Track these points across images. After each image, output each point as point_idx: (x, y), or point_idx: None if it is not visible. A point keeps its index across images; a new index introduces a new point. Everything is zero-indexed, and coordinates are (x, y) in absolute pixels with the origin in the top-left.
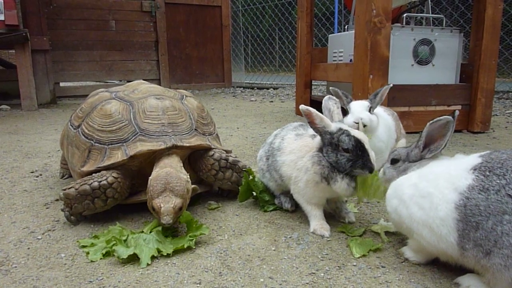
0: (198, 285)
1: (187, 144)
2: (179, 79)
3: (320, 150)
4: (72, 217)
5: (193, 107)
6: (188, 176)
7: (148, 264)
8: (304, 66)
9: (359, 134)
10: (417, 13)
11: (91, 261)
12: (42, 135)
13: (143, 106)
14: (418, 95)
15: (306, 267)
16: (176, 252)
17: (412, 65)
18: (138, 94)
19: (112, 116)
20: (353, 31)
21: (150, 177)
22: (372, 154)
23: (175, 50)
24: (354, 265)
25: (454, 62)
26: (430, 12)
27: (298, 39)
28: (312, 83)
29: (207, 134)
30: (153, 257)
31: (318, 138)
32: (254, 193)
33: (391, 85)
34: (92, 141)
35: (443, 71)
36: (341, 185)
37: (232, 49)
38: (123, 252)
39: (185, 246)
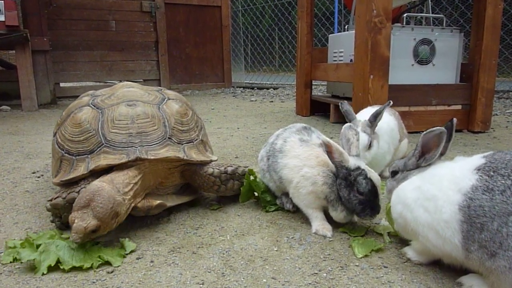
0: (201, 285)
1: (152, 157)
2: (179, 79)
3: (334, 173)
4: (63, 225)
5: (171, 113)
6: (127, 198)
7: (43, 274)
8: (304, 66)
9: (374, 176)
10: (417, 13)
11: (1, 263)
12: (43, 136)
13: (112, 114)
14: (419, 95)
15: (308, 268)
16: (178, 252)
17: (413, 65)
18: (113, 100)
19: (82, 125)
20: (353, 31)
21: None
22: (380, 196)
23: (175, 50)
24: (357, 265)
25: (455, 62)
26: (430, 12)
27: (298, 39)
28: (312, 83)
29: (184, 142)
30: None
31: None
32: (256, 194)
33: (391, 102)
34: (63, 151)
35: (443, 70)
36: (338, 215)
37: (232, 49)
38: (25, 256)
39: (85, 267)
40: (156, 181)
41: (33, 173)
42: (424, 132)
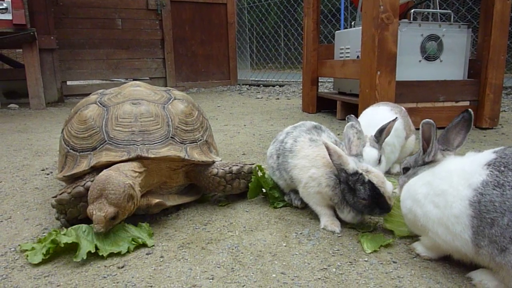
0: (211, 280)
1: (153, 156)
2: (185, 77)
3: (337, 176)
4: (68, 223)
5: (176, 112)
6: (136, 182)
7: (82, 259)
8: (310, 63)
9: (374, 177)
10: (424, 8)
11: (30, 263)
12: (51, 133)
13: (117, 112)
14: (426, 91)
15: (317, 263)
16: (187, 248)
17: (420, 61)
18: (119, 99)
19: (87, 122)
20: (360, 27)
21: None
22: (388, 193)
23: (181, 48)
24: (366, 261)
25: (462, 58)
26: (438, 8)
27: (305, 36)
28: (319, 80)
29: (187, 142)
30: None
31: None
32: (264, 190)
33: (397, 118)
34: (68, 147)
35: (451, 66)
36: (346, 216)
37: (238, 46)
38: (64, 239)
39: (123, 252)
40: (160, 180)
41: (42, 170)
42: (421, 125)
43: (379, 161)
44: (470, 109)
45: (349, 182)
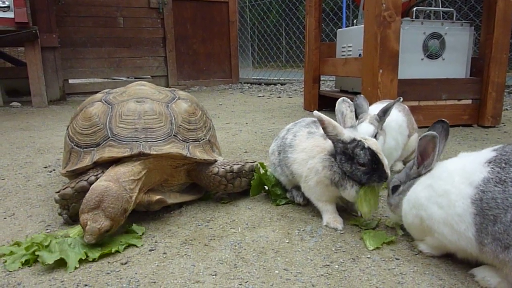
0: (214, 276)
1: (155, 152)
2: (187, 75)
3: (332, 155)
4: (70, 219)
5: (179, 111)
6: (133, 195)
7: (76, 268)
8: (312, 61)
9: (373, 144)
10: (426, 6)
11: (9, 270)
12: (53, 131)
13: (121, 109)
14: (428, 89)
15: (320, 259)
16: (190, 244)
17: (422, 59)
18: (124, 97)
19: (91, 119)
20: (362, 26)
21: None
22: (385, 162)
23: (183, 46)
24: (368, 257)
25: (465, 56)
26: (440, 6)
27: (307, 34)
28: (320, 78)
29: (190, 140)
30: (81, 260)
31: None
32: (266, 187)
33: (401, 98)
34: (72, 143)
35: (453, 65)
36: (350, 192)
37: (239, 45)
38: (48, 257)
39: (113, 251)
40: (161, 178)
41: (45, 167)
42: (420, 137)
43: (375, 138)
44: (444, 119)
45: (347, 151)
